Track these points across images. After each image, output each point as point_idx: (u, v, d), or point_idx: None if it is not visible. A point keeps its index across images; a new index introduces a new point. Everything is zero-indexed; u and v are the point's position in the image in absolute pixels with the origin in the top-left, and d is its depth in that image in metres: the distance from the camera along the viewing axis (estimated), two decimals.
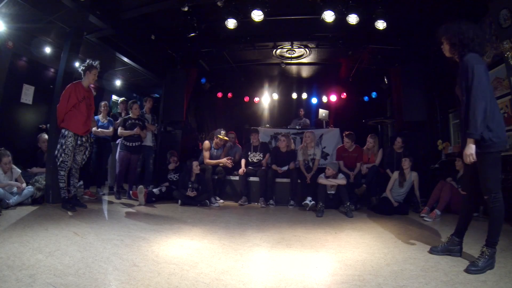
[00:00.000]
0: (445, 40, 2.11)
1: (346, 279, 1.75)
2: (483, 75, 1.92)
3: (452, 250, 2.23)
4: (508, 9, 3.37)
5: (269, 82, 8.37)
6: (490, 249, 1.94)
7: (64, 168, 3.67)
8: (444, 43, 2.13)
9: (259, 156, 5.22)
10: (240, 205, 4.76)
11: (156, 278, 1.67)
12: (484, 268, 1.88)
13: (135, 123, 4.71)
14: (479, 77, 1.90)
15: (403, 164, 4.25)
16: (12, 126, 4.84)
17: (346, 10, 4.39)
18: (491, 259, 1.93)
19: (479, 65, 1.93)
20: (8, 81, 4.60)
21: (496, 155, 1.97)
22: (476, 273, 1.84)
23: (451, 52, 2.11)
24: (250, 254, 2.25)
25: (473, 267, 1.89)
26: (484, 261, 1.90)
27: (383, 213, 4.01)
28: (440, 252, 2.23)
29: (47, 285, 1.51)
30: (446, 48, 2.13)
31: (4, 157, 3.63)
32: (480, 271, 1.85)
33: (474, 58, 1.95)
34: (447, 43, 2.10)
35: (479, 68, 1.91)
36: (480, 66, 1.92)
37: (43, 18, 4.35)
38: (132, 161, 4.77)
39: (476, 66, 1.91)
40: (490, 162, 1.97)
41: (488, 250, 1.94)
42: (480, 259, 1.92)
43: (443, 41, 2.14)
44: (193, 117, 7.85)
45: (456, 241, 2.24)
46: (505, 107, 3.81)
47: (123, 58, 5.79)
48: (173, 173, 5.02)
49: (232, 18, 4.65)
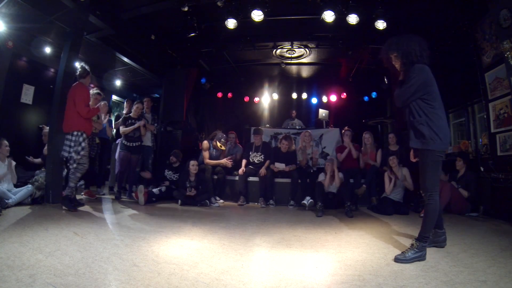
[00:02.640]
0: (395, 58, 2.26)
1: (346, 279, 1.75)
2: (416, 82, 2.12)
3: (438, 241, 2.36)
4: (508, 9, 3.37)
5: (269, 82, 8.37)
6: (419, 243, 2.10)
7: (81, 170, 3.72)
8: (393, 59, 2.28)
9: (260, 157, 5.22)
10: (239, 205, 4.76)
11: (156, 278, 1.67)
12: (412, 258, 2.03)
13: (135, 123, 4.71)
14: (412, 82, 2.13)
15: (390, 162, 4.26)
16: (12, 126, 4.84)
17: (346, 10, 4.40)
18: (421, 251, 2.07)
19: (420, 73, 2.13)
20: (8, 81, 4.61)
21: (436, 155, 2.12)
22: (402, 262, 2.00)
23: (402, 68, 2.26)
24: (250, 254, 2.24)
25: (401, 256, 2.05)
26: (412, 252, 2.06)
27: (383, 213, 4.01)
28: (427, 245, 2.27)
29: (47, 285, 1.51)
30: (397, 64, 2.28)
31: (3, 141, 3.72)
32: (407, 260, 2.01)
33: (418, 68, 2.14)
34: (398, 60, 2.25)
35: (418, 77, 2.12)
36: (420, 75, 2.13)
37: (43, 18, 4.34)
38: (132, 161, 4.76)
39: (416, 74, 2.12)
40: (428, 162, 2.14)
41: (417, 243, 2.10)
42: (409, 250, 2.08)
43: (392, 57, 2.28)
44: (193, 117, 7.86)
45: (440, 233, 2.37)
46: (505, 107, 3.80)
47: (123, 58, 5.79)
48: (172, 172, 5.02)
49: (232, 18, 4.65)
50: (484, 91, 4.15)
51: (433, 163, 2.13)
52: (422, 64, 2.14)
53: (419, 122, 2.13)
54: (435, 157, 2.12)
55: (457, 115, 5.80)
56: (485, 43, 4.09)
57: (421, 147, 2.14)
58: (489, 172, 3.99)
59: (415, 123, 2.15)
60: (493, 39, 3.92)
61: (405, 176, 4.25)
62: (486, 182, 4.01)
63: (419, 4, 4.48)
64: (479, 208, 3.92)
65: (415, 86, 2.12)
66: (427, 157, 2.13)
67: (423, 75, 2.12)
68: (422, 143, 2.12)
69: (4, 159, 3.74)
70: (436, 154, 2.12)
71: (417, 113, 2.14)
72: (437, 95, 2.16)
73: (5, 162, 3.74)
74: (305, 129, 6.34)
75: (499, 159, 3.87)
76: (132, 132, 4.67)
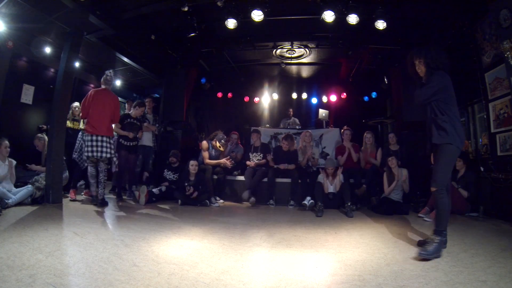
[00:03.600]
0: (421, 63, 2.43)
1: (346, 279, 1.75)
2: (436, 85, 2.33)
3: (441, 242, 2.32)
4: (508, 9, 3.37)
5: (269, 82, 8.37)
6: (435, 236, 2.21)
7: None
8: (419, 64, 2.45)
9: (259, 156, 5.22)
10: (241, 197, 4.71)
11: (156, 278, 1.67)
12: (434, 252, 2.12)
13: (133, 122, 4.65)
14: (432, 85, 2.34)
15: (390, 163, 4.26)
16: (12, 126, 4.84)
17: (346, 10, 4.39)
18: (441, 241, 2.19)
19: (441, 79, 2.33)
20: (8, 81, 4.60)
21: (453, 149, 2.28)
22: (425, 256, 2.07)
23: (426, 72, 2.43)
24: (250, 254, 2.24)
25: (423, 251, 2.12)
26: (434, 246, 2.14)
27: (383, 213, 4.01)
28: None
29: (47, 285, 1.51)
30: (422, 69, 2.44)
31: (3, 141, 3.73)
32: (430, 254, 2.09)
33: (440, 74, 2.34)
34: (424, 65, 2.42)
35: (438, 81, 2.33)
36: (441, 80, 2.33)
37: (43, 18, 4.34)
38: (130, 161, 4.70)
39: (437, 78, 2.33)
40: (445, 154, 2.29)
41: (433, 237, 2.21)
42: (429, 245, 2.16)
43: (417, 63, 2.45)
44: (193, 117, 7.86)
45: (444, 233, 2.33)
46: (505, 107, 3.80)
47: (123, 58, 5.79)
48: (172, 173, 5.02)
49: (232, 18, 4.64)
50: (484, 91, 4.15)
51: (449, 157, 2.29)
52: (443, 71, 2.35)
53: (442, 120, 2.28)
54: (453, 152, 2.28)
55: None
56: (485, 43, 4.09)
57: (443, 142, 2.27)
58: (489, 172, 3.99)
59: (438, 120, 2.30)
60: (493, 39, 3.91)
61: (404, 177, 4.24)
62: (486, 182, 4.01)
63: (419, 4, 4.48)
64: (479, 208, 3.92)
65: (435, 88, 2.32)
66: (445, 151, 2.28)
67: (444, 81, 2.32)
68: (444, 138, 2.26)
69: (5, 159, 3.74)
70: (454, 149, 2.27)
71: (440, 112, 2.31)
72: (454, 100, 2.36)
73: (6, 162, 3.74)
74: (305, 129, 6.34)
75: (499, 159, 3.87)
76: (131, 131, 4.60)
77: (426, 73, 2.42)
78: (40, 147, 4.44)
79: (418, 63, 2.45)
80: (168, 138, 6.36)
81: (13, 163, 3.82)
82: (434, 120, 2.33)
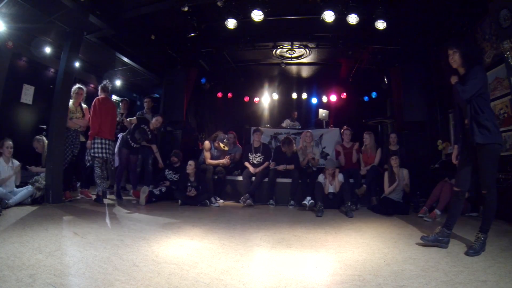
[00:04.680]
0: (456, 53, 2.36)
1: (346, 279, 1.75)
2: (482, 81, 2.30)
3: (441, 241, 2.38)
4: (508, 9, 3.37)
5: (269, 82, 8.37)
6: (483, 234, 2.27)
7: None
8: (453, 55, 2.38)
9: (259, 157, 5.21)
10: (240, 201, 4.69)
11: (156, 278, 1.67)
12: (480, 249, 2.20)
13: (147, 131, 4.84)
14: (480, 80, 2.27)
15: (392, 162, 4.26)
16: (12, 126, 4.84)
17: (346, 10, 4.39)
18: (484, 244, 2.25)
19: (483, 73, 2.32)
20: (8, 81, 4.59)
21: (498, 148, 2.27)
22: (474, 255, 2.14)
23: (462, 64, 2.37)
24: (250, 254, 2.24)
25: (471, 250, 2.19)
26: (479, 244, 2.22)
27: (383, 213, 4.01)
28: (430, 242, 2.37)
29: (47, 285, 1.51)
30: (456, 60, 2.38)
31: (7, 141, 3.77)
32: (477, 253, 2.17)
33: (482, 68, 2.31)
34: (460, 56, 2.35)
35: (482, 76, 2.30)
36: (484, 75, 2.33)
37: (43, 18, 4.34)
38: (131, 161, 4.75)
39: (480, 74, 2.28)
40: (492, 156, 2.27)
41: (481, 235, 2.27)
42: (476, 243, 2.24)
43: (452, 53, 2.38)
44: (193, 117, 7.85)
45: (446, 233, 2.39)
46: (505, 107, 3.80)
47: (123, 58, 5.79)
48: (173, 172, 5.02)
49: (232, 18, 4.64)
50: None
51: (496, 157, 2.27)
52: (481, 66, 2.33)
53: (484, 118, 2.22)
54: (498, 151, 2.26)
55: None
56: (485, 43, 4.09)
57: (488, 142, 2.21)
58: None
59: (480, 118, 2.23)
60: (493, 39, 3.91)
61: (404, 177, 4.25)
62: None
63: (419, 4, 4.48)
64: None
65: (480, 83, 2.25)
66: (491, 151, 2.24)
67: (485, 76, 2.30)
68: (489, 138, 2.21)
69: (8, 160, 3.74)
70: (498, 148, 2.26)
71: (480, 110, 2.24)
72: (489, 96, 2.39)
73: (9, 163, 3.74)
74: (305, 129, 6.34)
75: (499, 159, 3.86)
76: (139, 136, 4.71)
77: (462, 65, 2.36)
78: (39, 149, 4.44)
79: (453, 53, 2.38)
80: (168, 138, 6.36)
81: (15, 164, 3.82)
82: (476, 118, 2.25)
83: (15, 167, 3.79)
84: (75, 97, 4.47)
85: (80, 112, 4.52)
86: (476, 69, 2.27)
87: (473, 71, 2.27)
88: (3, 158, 3.71)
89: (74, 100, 4.47)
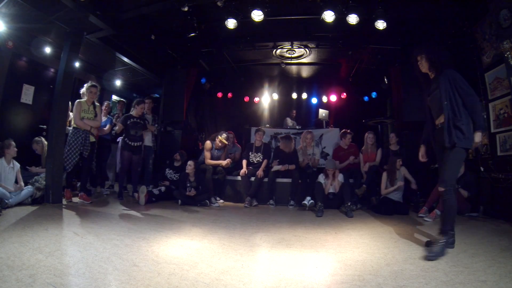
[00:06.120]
0: (424, 58, 2.46)
1: (346, 279, 1.75)
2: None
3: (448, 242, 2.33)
4: (508, 9, 3.37)
5: (269, 82, 8.36)
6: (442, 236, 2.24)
7: None
8: (422, 60, 2.48)
9: (259, 157, 5.21)
10: (245, 207, 4.67)
11: (156, 278, 1.67)
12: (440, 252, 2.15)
13: (137, 122, 4.69)
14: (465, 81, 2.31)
15: (397, 164, 4.26)
16: (12, 126, 4.84)
17: (346, 10, 4.39)
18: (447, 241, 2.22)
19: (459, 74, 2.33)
20: (8, 81, 4.60)
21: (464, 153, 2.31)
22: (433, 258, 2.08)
23: (430, 69, 2.46)
24: (250, 254, 2.24)
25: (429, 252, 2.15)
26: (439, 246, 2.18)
27: (383, 213, 4.01)
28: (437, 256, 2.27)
29: (47, 285, 1.51)
30: (424, 65, 2.47)
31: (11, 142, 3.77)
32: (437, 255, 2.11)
33: (455, 72, 2.33)
34: (427, 61, 2.45)
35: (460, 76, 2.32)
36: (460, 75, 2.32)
37: (43, 18, 4.34)
38: (134, 161, 4.72)
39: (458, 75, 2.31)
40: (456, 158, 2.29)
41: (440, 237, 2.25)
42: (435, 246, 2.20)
43: (420, 59, 2.48)
44: (193, 117, 7.85)
45: (450, 234, 2.34)
46: (505, 107, 3.80)
47: (123, 58, 5.79)
48: (173, 172, 5.02)
49: (232, 18, 4.64)
50: (484, 91, 4.15)
51: (462, 159, 2.31)
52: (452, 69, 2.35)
53: (461, 122, 2.26)
54: (464, 155, 2.30)
55: None
56: (485, 43, 4.09)
57: (458, 145, 2.24)
58: (489, 172, 3.99)
59: (456, 121, 2.26)
60: (493, 39, 3.91)
61: (404, 175, 4.25)
62: (486, 182, 4.01)
63: (419, 4, 4.48)
64: (479, 208, 3.92)
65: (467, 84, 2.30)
66: (458, 154, 2.27)
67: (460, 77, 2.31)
68: (460, 141, 2.24)
69: (10, 161, 3.74)
70: (464, 152, 2.29)
71: (458, 113, 2.29)
72: None
73: (11, 164, 3.74)
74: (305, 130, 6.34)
75: (499, 159, 3.87)
76: (134, 131, 4.64)
77: (429, 69, 2.44)
78: (39, 151, 4.44)
79: (420, 58, 2.47)
80: (168, 138, 6.36)
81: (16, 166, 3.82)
82: (453, 121, 2.29)
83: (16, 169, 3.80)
84: (88, 95, 4.19)
85: (93, 112, 4.24)
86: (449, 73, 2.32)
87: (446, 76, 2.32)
88: (5, 159, 3.71)
89: (87, 98, 4.19)
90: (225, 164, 5.11)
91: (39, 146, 4.44)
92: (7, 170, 3.68)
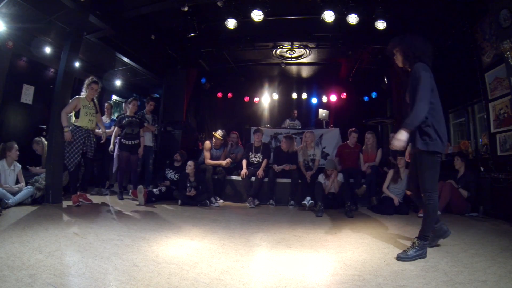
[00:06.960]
0: (398, 52, 2.29)
1: (346, 279, 1.75)
2: (428, 81, 2.10)
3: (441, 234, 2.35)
4: (508, 9, 3.37)
5: (269, 82, 8.38)
6: (421, 241, 2.14)
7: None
8: (397, 54, 2.31)
9: (259, 157, 5.21)
10: (250, 207, 4.66)
11: (156, 278, 1.67)
12: (414, 257, 2.07)
13: (132, 120, 4.66)
14: (425, 82, 2.08)
15: (398, 162, 4.26)
16: (12, 126, 4.84)
17: (346, 10, 4.40)
18: (422, 249, 2.12)
19: (426, 72, 2.12)
20: (8, 81, 4.60)
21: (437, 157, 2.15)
22: (404, 260, 2.05)
23: (404, 62, 2.29)
24: (250, 254, 2.24)
25: (403, 254, 2.10)
26: (414, 250, 2.10)
27: (383, 213, 4.02)
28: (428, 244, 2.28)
29: (47, 285, 1.51)
30: (399, 58, 2.30)
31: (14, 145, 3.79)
32: (409, 258, 2.06)
33: (422, 67, 2.13)
34: (401, 55, 2.27)
35: (426, 75, 2.10)
36: (426, 74, 2.11)
37: (43, 18, 4.35)
38: (132, 161, 4.69)
39: (423, 73, 2.10)
40: (429, 164, 2.15)
41: (418, 242, 2.14)
42: (411, 249, 2.12)
43: (396, 52, 2.32)
44: (193, 117, 7.86)
45: (437, 227, 2.32)
46: (505, 107, 3.80)
47: (123, 58, 5.79)
48: (173, 172, 5.02)
49: (232, 18, 4.65)
50: (484, 91, 4.15)
51: (434, 164, 2.15)
52: (423, 63, 2.15)
53: (426, 124, 2.12)
54: (436, 159, 2.15)
55: (457, 115, 5.79)
56: (485, 43, 4.09)
57: (426, 149, 2.12)
58: (489, 172, 3.99)
59: (421, 124, 2.12)
60: (493, 39, 3.91)
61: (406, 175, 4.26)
62: (486, 182, 4.01)
63: (419, 4, 4.48)
64: (479, 208, 3.92)
65: (429, 85, 2.09)
66: (429, 159, 2.14)
67: (427, 74, 2.10)
68: (428, 145, 2.11)
69: (11, 164, 3.75)
70: (437, 156, 2.15)
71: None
72: (438, 96, 2.17)
73: (12, 166, 3.75)
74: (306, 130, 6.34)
75: (499, 159, 3.87)
76: (130, 129, 4.60)
77: (403, 63, 2.27)
78: (39, 151, 4.44)
79: (396, 52, 2.30)
80: (168, 138, 6.36)
81: (17, 168, 3.83)
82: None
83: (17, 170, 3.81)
84: (89, 90, 4.01)
85: (94, 108, 4.08)
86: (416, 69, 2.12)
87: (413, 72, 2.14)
88: (6, 161, 3.71)
89: (87, 95, 4.02)
90: (225, 164, 5.11)
91: (39, 146, 4.44)
92: (7, 172, 3.68)
